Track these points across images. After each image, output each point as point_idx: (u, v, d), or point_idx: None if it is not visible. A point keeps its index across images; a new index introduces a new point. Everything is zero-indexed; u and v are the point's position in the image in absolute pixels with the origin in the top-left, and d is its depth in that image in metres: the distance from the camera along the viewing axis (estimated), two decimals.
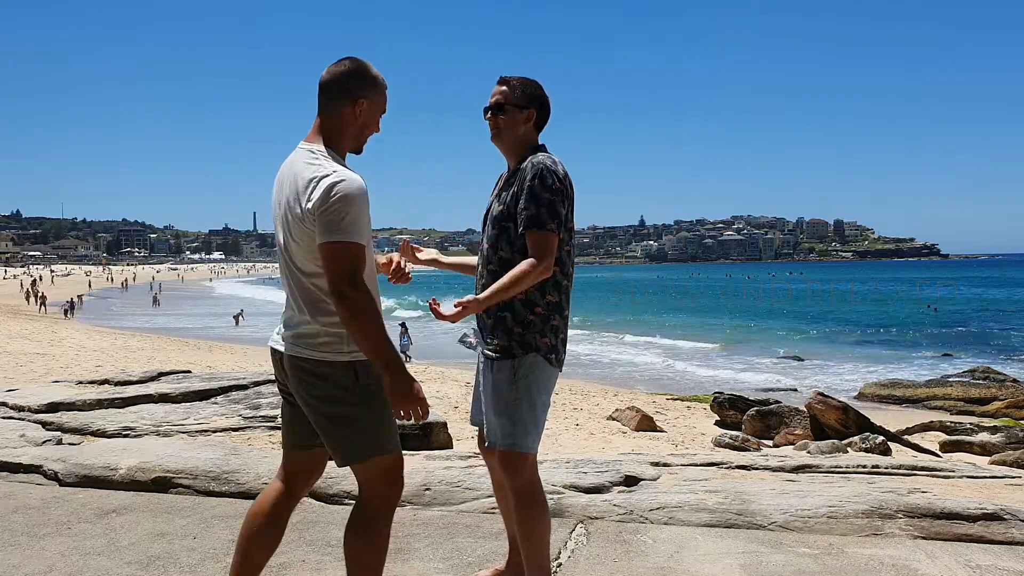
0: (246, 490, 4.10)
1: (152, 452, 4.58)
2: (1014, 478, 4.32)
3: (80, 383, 6.97)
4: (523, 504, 2.66)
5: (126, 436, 5.28)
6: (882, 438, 9.04)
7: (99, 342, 20.95)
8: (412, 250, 3.05)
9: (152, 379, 7.02)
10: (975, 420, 12.35)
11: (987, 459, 8.52)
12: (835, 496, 3.77)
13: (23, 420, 5.58)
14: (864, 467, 4.42)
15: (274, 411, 5.67)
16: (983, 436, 10.14)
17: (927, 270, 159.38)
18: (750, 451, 8.09)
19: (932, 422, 11.73)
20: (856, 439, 8.92)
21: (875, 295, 67.77)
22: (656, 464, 4.43)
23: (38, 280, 63.24)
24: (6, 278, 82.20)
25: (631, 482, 4.11)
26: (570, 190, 2.67)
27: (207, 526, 3.67)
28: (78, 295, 46.15)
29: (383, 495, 2.35)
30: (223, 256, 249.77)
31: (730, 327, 37.30)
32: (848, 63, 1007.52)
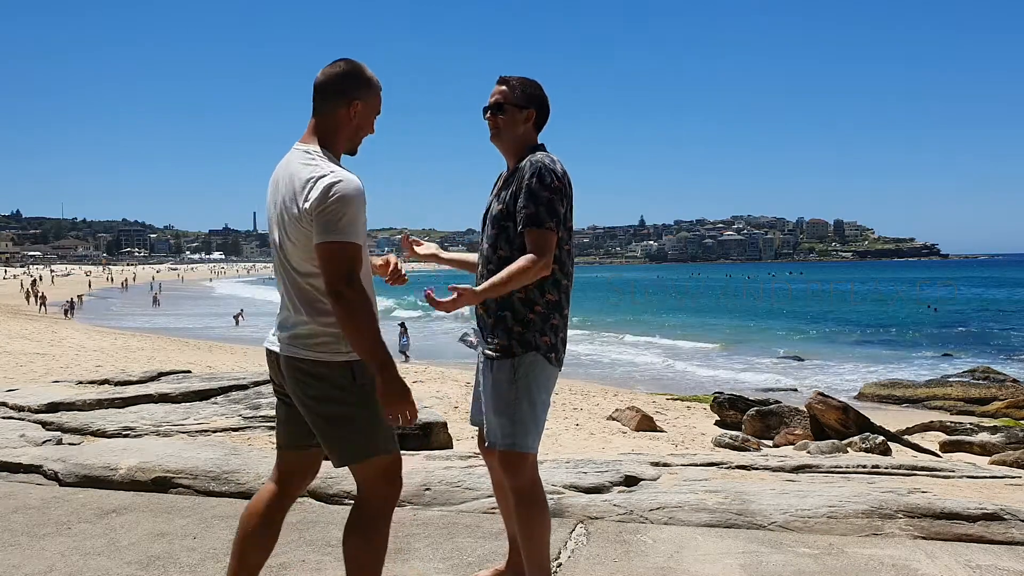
0: (246, 490, 4.10)
1: (152, 452, 4.59)
2: (1014, 478, 4.32)
3: (80, 383, 6.97)
4: (524, 504, 2.66)
5: (126, 436, 5.28)
6: (882, 438, 9.04)
7: (99, 342, 20.95)
8: (412, 244, 3.05)
9: (152, 379, 7.02)
10: (975, 420, 12.35)
11: (987, 459, 8.51)
12: (835, 496, 3.77)
13: (23, 420, 5.58)
14: (864, 467, 4.42)
15: (274, 411, 5.66)
16: (983, 436, 10.13)
17: (927, 270, 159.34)
18: (750, 451, 8.09)
19: (932, 422, 11.72)
20: (856, 439, 8.92)
21: (875, 295, 67.74)
22: (656, 464, 4.43)
23: (38, 280, 63.23)
24: (6, 278, 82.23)
25: (631, 482, 4.11)
26: (569, 189, 2.67)
27: (207, 526, 3.67)
28: (78, 295, 46.13)
29: (381, 495, 2.35)
30: (223, 256, 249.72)
31: (730, 327, 37.27)
32: (848, 63, 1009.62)
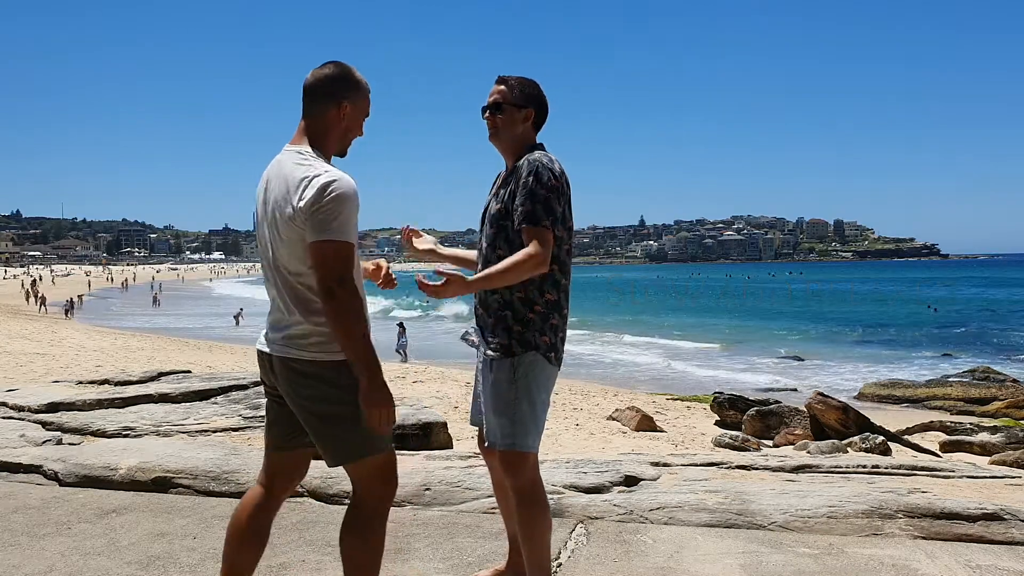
0: (246, 490, 4.09)
1: (152, 452, 4.59)
2: (1014, 478, 4.32)
3: (80, 383, 6.98)
4: (524, 504, 2.66)
5: (126, 436, 5.28)
6: (882, 438, 9.04)
7: (99, 342, 20.95)
8: (412, 236, 3.05)
9: (152, 379, 7.03)
10: (975, 420, 12.34)
11: (987, 459, 8.51)
12: (835, 496, 3.77)
13: (23, 420, 5.59)
14: (864, 467, 4.42)
15: None
16: (983, 436, 10.13)
17: (927, 270, 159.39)
18: (750, 451, 8.09)
19: (932, 422, 11.72)
20: (856, 439, 8.92)
21: (875, 295, 67.77)
22: (656, 464, 4.43)
23: (38, 280, 63.22)
24: (6, 278, 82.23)
25: (631, 482, 4.11)
26: (567, 188, 2.67)
27: (207, 526, 3.67)
28: (78, 295, 46.12)
29: (377, 495, 2.35)
30: (223, 256, 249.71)
31: (730, 327, 37.27)
32: (848, 63, 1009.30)
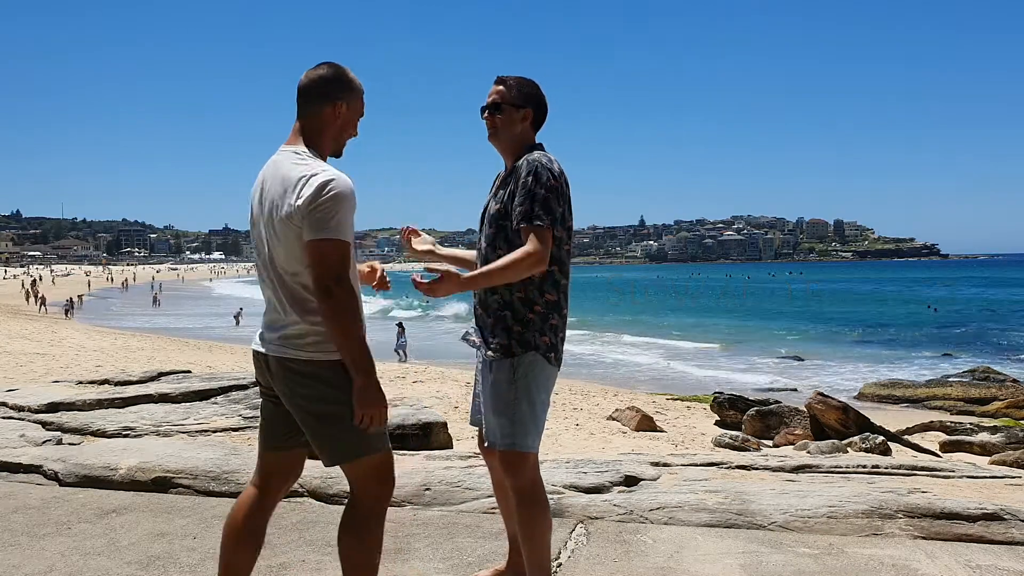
0: None
1: (152, 452, 4.59)
2: (1014, 478, 4.32)
3: (80, 383, 6.98)
4: (525, 504, 2.66)
5: (126, 436, 5.28)
6: (882, 438, 9.03)
7: (99, 342, 20.96)
8: (411, 236, 3.05)
9: (152, 379, 7.03)
10: (975, 420, 12.34)
11: (987, 459, 8.51)
12: (835, 496, 3.77)
13: (23, 420, 5.59)
14: (864, 467, 4.42)
15: None
16: (983, 436, 10.13)
17: (927, 270, 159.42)
18: (750, 451, 8.09)
19: (932, 422, 11.72)
20: (856, 439, 8.92)
21: (875, 295, 67.78)
22: (656, 464, 4.44)
23: (38, 280, 63.21)
24: (6, 278, 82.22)
25: (631, 482, 4.11)
26: (566, 188, 2.67)
27: (207, 526, 3.67)
28: (78, 295, 46.11)
29: (374, 495, 2.35)
30: (223, 256, 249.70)
31: (730, 327, 37.28)
32: (848, 63, 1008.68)
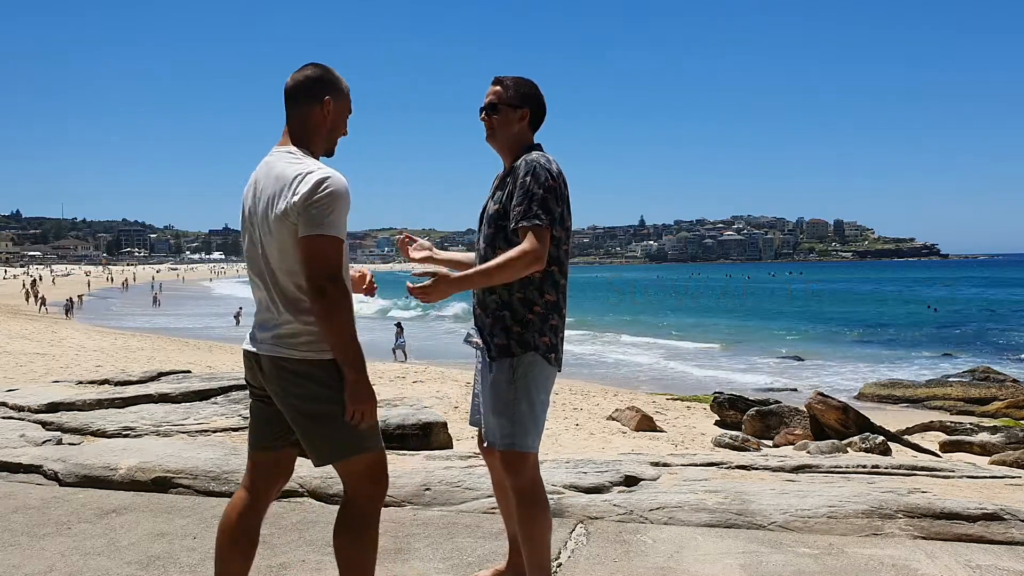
0: None
1: (152, 452, 4.59)
2: (1014, 478, 4.32)
3: (80, 383, 6.98)
4: (525, 504, 2.66)
5: (126, 436, 5.28)
6: (882, 438, 9.04)
7: (99, 342, 20.95)
8: (407, 246, 3.04)
9: (152, 379, 7.03)
10: (975, 420, 12.35)
11: (987, 459, 8.52)
12: (835, 496, 3.77)
13: (23, 420, 5.59)
14: (864, 467, 4.42)
15: None
16: (983, 436, 10.13)
17: (927, 270, 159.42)
18: (750, 451, 8.10)
19: (932, 422, 11.72)
20: (856, 439, 8.92)
21: (875, 295, 67.79)
22: (656, 464, 4.44)
23: (38, 280, 63.21)
24: (6, 278, 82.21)
25: (631, 482, 4.12)
26: (564, 188, 2.67)
27: (207, 526, 3.66)
28: (78, 295, 46.09)
29: (367, 494, 2.35)
30: (223, 256, 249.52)
31: (730, 327, 37.28)
32: (848, 63, 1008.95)
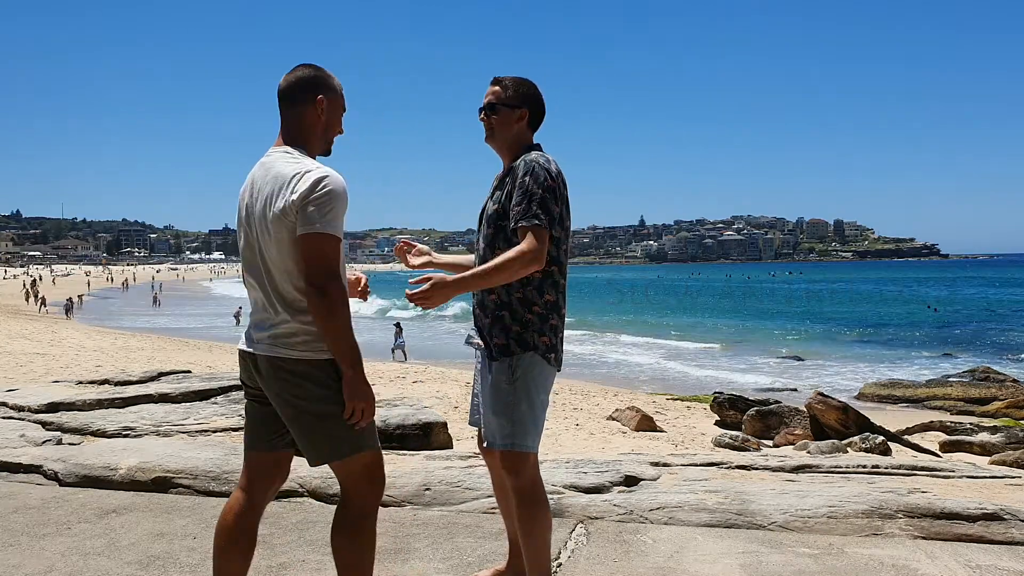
0: None
1: (152, 452, 4.59)
2: (1014, 478, 4.33)
3: (80, 383, 6.98)
4: (525, 504, 2.66)
5: (126, 436, 5.29)
6: (882, 438, 9.03)
7: (99, 342, 20.95)
8: (405, 253, 3.03)
9: (152, 379, 7.03)
10: (975, 420, 12.34)
11: (987, 459, 8.52)
12: (835, 496, 3.77)
13: (23, 420, 5.59)
14: (864, 467, 4.43)
15: None
16: (983, 436, 10.13)
17: (927, 270, 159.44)
18: (750, 451, 8.10)
19: (932, 422, 11.72)
20: (856, 439, 8.92)
21: (875, 295, 67.80)
22: (656, 464, 4.44)
23: (38, 280, 63.20)
24: (6, 278, 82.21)
25: (631, 482, 4.12)
26: (563, 189, 2.67)
27: (207, 526, 3.66)
28: (78, 295, 46.09)
29: (363, 493, 2.35)
30: (223, 256, 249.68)
31: (730, 327, 37.30)
32: (848, 63, 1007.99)
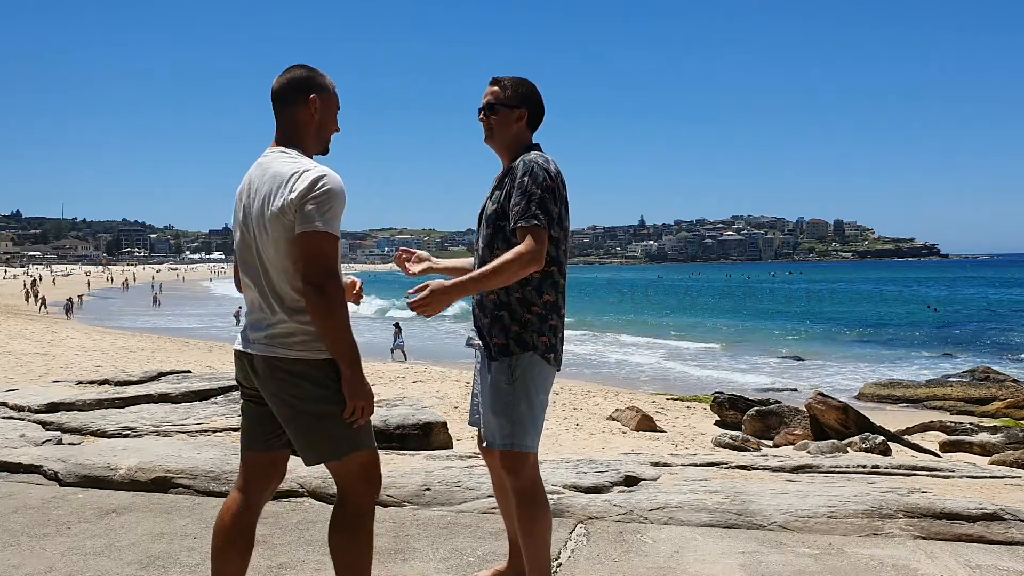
0: None
1: (152, 452, 4.59)
2: (1014, 478, 4.33)
3: (80, 383, 6.98)
4: (524, 504, 2.66)
5: (126, 436, 5.29)
6: (882, 438, 9.03)
7: (99, 342, 20.96)
8: (404, 262, 3.02)
9: (152, 379, 7.03)
10: (975, 420, 12.34)
11: (987, 459, 8.52)
12: (835, 496, 3.77)
13: (23, 420, 5.59)
14: (864, 467, 4.43)
15: None
16: (983, 436, 10.13)
17: (927, 270, 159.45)
18: (750, 451, 8.10)
19: (932, 422, 11.72)
20: (856, 439, 8.92)
21: (875, 295, 67.79)
22: (656, 464, 4.44)
23: (38, 280, 63.19)
24: (6, 278, 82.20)
25: (631, 482, 4.12)
26: (562, 189, 2.67)
27: (207, 526, 3.66)
28: (78, 295, 46.08)
29: (360, 493, 2.36)
30: (223, 256, 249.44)
31: (730, 327, 37.31)
32: (848, 63, 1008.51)
